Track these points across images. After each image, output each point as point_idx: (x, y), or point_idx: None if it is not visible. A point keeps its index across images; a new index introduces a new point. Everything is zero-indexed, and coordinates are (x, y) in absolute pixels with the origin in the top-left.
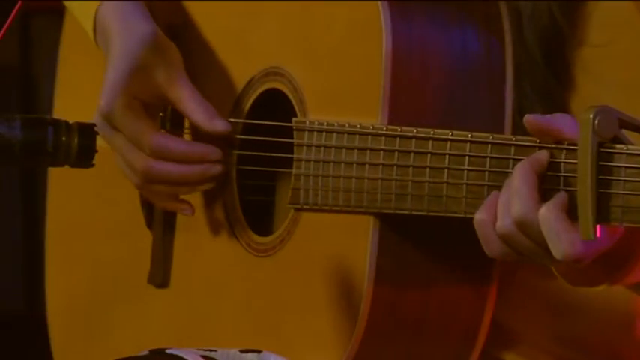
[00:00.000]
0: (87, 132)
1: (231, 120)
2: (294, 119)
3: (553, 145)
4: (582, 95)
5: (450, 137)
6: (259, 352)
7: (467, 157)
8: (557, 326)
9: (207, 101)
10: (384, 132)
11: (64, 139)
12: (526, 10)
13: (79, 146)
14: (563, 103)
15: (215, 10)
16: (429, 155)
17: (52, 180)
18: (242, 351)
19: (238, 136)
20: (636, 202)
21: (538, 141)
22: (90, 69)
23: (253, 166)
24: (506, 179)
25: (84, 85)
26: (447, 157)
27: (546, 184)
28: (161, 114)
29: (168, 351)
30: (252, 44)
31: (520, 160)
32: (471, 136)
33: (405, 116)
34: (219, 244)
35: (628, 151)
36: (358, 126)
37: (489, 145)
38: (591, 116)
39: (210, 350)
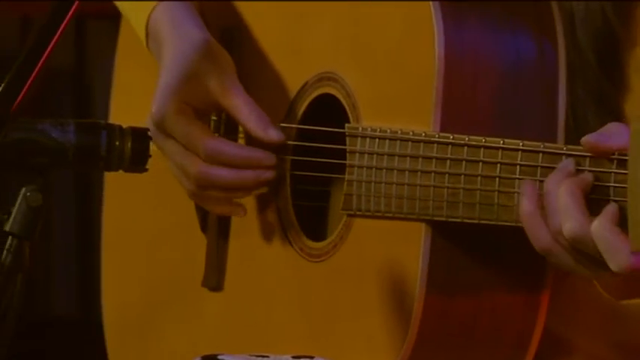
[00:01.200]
0: (140, 136)
1: (285, 125)
2: (347, 125)
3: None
4: (636, 96)
5: (501, 145)
6: (312, 358)
7: (518, 166)
8: (611, 334)
9: (261, 108)
10: (436, 139)
11: (117, 143)
12: (579, 13)
13: (133, 151)
14: (616, 106)
15: (268, 12)
16: (480, 163)
17: (107, 184)
18: (295, 357)
19: (292, 142)
20: None
21: None
22: (146, 74)
23: (307, 172)
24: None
25: (140, 90)
26: (499, 165)
27: (597, 194)
28: (215, 118)
29: (220, 357)
30: (306, 48)
31: None
32: (523, 145)
33: (457, 121)
34: (272, 248)
35: None
36: (411, 133)
37: (541, 154)
38: None
39: (263, 357)
